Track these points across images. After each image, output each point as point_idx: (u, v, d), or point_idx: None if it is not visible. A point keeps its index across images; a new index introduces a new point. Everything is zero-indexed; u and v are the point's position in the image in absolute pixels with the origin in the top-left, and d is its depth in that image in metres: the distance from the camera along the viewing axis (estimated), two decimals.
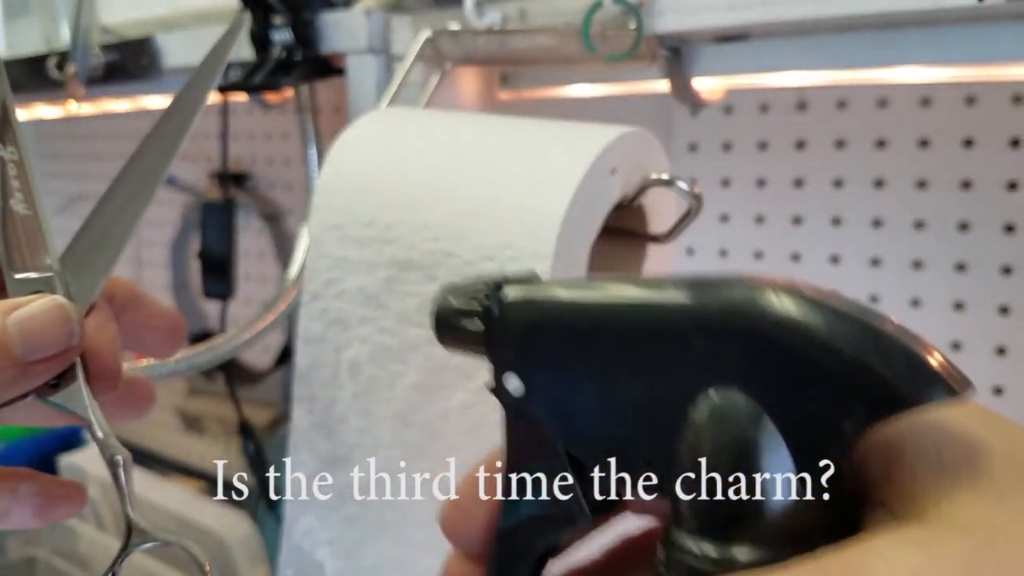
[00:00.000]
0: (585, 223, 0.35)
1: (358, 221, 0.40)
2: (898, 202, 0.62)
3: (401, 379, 0.39)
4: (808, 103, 0.65)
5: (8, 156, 0.33)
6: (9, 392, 0.28)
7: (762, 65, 0.43)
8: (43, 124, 1.30)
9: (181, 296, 1.14)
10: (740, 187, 0.69)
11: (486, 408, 0.37)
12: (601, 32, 0.41)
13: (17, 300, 0.29)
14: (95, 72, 0.64)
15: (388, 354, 0.40)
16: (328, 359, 0.42)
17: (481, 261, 0.35)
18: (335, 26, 0.51)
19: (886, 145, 0.62)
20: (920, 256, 0.61)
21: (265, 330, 0.50)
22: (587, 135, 0.36)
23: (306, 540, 0.44)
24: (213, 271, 0.59)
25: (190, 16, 0.61)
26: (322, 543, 0.44)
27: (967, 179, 0.59)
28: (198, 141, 1.11)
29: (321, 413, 0.43)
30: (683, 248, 0.73)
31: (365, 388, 0.41)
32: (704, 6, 0.39)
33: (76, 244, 0.34)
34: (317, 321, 0.42)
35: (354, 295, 0.40)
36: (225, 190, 0.59)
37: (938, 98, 0.59)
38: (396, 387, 0.40)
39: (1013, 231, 0.58)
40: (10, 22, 0.75)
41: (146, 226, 1.22)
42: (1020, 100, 0.56)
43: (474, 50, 0.46)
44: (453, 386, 0.38)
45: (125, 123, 1.21)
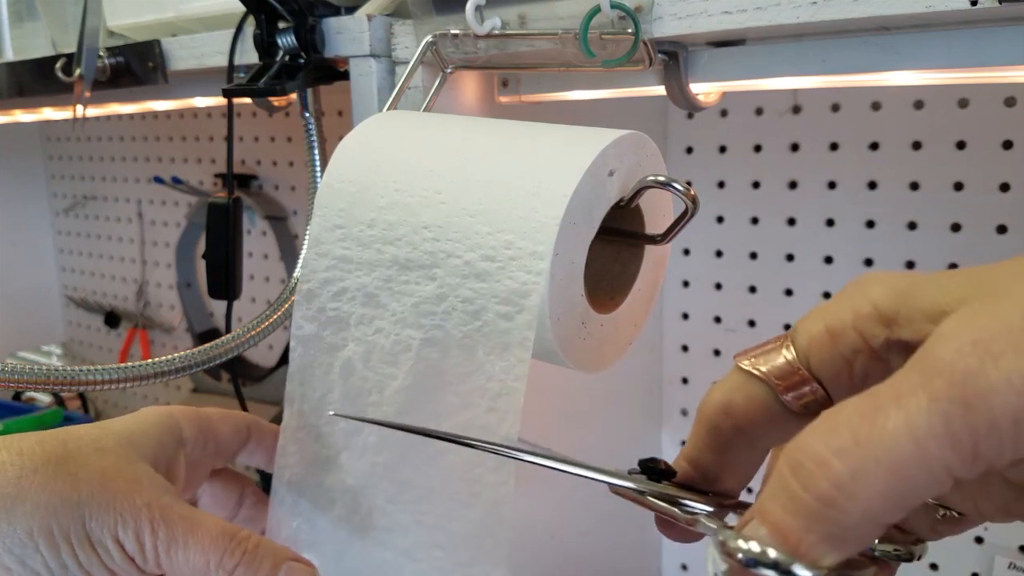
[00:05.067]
0: (583, 224, 0.36)
1: (360, 221, 0.40)
2: (891, 203, 0.62)
3: (392, 381, 0.39)
4: (802, 106, 0.65)
5: None
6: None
7: (757, 69, 0.43)
8: (50, 126, 1.31)
9: (187, 295, 1.15)
10: (735, 189, 0.70)
11: (475, 412, 0.37)
12: (599, 37, 0.42)
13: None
14: (101, 75, 0.65)
15: (381, 355, 0.39)
16: (322, 359, 0.42)
17: (481, 261, 0.36)
18: (339, 31, 0.52)
19: (879, 147, 0.63)
20: (913, 256, 0.62)
21: (269, 329, 0.51)
22: (585, 138, 0.37)
23: (292, 543, 0.43)
24: (218, 271, 0.59)
25: (196, 20, 0.62)
26: (307, 546, 0.43)
27: (959, 181, 0.59)
28: (204, 143, 1.12)
29: (311, 414, 0.42)
30: (679, 248, 0.73)
31: (356, 390, 0.40)
32: (700, 11, 0.40)
33: None
34: (312, 321, 0.42)
35: (353, 294, 0.40)
36: (230, 191, 0.59)
37: (931, 101, 0.60)
38: (386, 390, 0.39)
39: (1005, 232, 0.58)
40: (17, 25, 0.76)
41: (152, 227, 1.23)
42: (1012, 103, 0.57)
43: (475, 54, 0.47)
44: (444, 388, 0.38)
45: (131, 126, 1.22)
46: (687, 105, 0.46)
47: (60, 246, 1.39)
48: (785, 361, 0.26)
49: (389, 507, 0.40)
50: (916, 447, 0.19)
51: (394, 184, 0.39)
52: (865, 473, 0.19)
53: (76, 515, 0.32)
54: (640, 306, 0.43)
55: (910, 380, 0.20)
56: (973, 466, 0.19)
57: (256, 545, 0.34)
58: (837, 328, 0.25)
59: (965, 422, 0.19)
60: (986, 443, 0.19)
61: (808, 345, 0.26)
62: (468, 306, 0.36)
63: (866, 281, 0.25)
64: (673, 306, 0.75)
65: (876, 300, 0.24)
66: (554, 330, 0.36)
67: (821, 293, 0.66)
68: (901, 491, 0.20)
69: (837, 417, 0.21)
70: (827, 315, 0.25)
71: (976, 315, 0.20)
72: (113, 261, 1.30)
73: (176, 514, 0.34)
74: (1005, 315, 0.20)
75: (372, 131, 0.43)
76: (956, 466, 0.19)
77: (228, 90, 0.53)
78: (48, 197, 1.38)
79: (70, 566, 0.32)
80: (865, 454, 0.20)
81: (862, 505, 0.20)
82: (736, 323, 0.72)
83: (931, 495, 0.20)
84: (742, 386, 0.27)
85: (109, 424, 0.37)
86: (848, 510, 0.20)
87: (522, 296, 0.35)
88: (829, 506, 0.20)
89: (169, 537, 0.33)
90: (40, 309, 1.38)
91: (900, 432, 0.19)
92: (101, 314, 1.31)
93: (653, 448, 0.77)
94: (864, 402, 0.20)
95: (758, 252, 0.70)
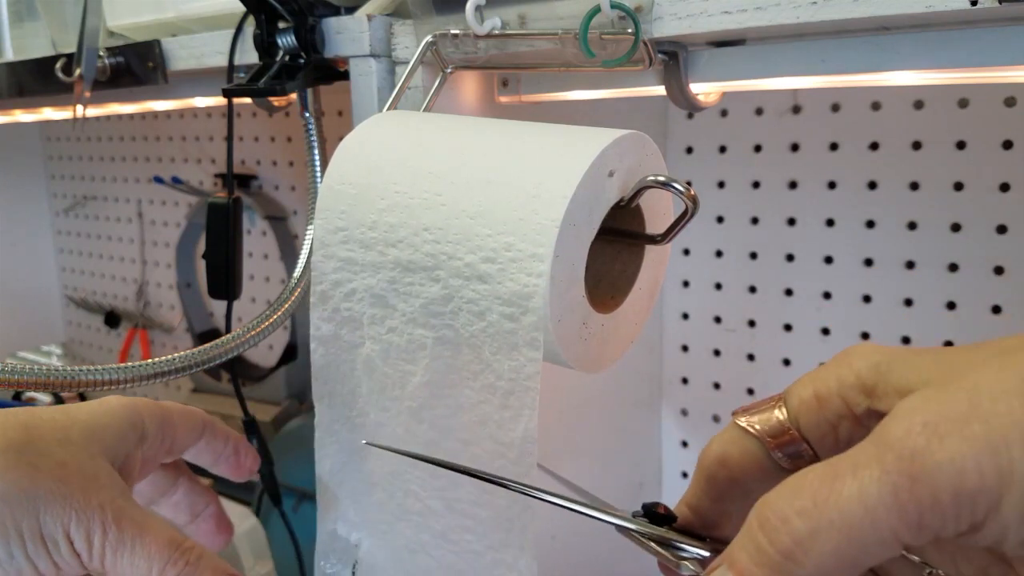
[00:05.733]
0: (583, 225, 0.36)
1: (361, 223, 0.40)
2: (891, 203, 0.62)
3: (411, 378, 0.40)
4: (802, 106, 0.65)
5: None
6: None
7: (757, 69, 0.43)
8: (50, 126, 1.31)
9: (187, 295, 1.15)
10: (735, 189, 0.70)
11: (490, 408, 0.38)
12: (599, 37, 0.42)
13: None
14: (101, 75, 0.65)
15: (398, 353, 0.40)
16: (344, 357, 0.43)
17: (482, 263, 0.36)
18: (339, 31, 0.52)
19: (879, 147, 0.62)
20: (913, 256, 0.62)
21: (269, 329, 0.51)
22: (585, 138, 0.37)
23: (341, 524, 0.46)
24: (218, 271, 0.59)
25: (196, 20, 0.62)
26: (357, 525, 0.46)
27: (959, 181, 0.59)
28: (204, 143, 1.12)
29: (342, 407, 0.44)
30: (679, 248, 0.73)
31: (380, 385, 0.42)
32: (700, 11, 0.40)
33: None
34: (329, 322, 0.43)
35: (362, 295, 0.41)
36: (230, 191, 0.59)
37: (931, 101, 0.60)
38: (407, 385, 0.41)
39: (1005, 232, 0.58)
40: (17, 25, 0.76)
41: (152, 227, 1.23)
42: (1012, 103, 0.57)
43: (475, 54, 0.47)
44: (461, 384, 0.39)
45: (131, 126, 1.22)
46: (687, 105, 0.46)
47: (60, 246, 1.39)
48: (777, 421, 0.28)
49: (422, 493, 0.42)
50: (866, 513, 0.22)
51: (394, 186, 0.39)
52: (821, 532, 0.22)
53: (31, 508, 0.32)
54: (640, 306, 0.43)
55: (867, 452, 0.22)
56: (919, 534, 0.22)
57: (199, 557, 0.35)
58: (824, 394, 0.27)
59: (911, 495, 0.21)
60: (930, 515, 0.21)
61: (798, 408, 0.28)
62: (473, 307, 0.37)
63: (853, 352, 0.27)
64: (673, 306, 0.75)
65: (859, 371, 0.26)
66: (555, 331, 0.36)
67: (821, 293, 0.66)
68: (852, 551, 0.22)
69: (802, 480, 0.23)
70: (816, 381, 0.27)
71: (929, 399, 0.22)
72: (113, 261, 1.30)
73: (128, 518, 0.34)
74: (954, 401, 0.22)
75: (372, 132, 0.43)
76: (903, 533, 0.22)
77: (228, 90, 0.53)
78: (48, 197, 1.38)
79: (16, 555, 0.33)
80: (822, 515, 0.22)
81: (816, 560, 0.22)
82: (736, 323, 0.72)
83: (882, 557, 0.22)
84: (738, 440, 0.29)
85: (75, 412, 0.37)
86: (804, 564, 0.22)
87: (525, 298, 0.35)
88: (788, 559, 0.22)
89: (118, 540, 0.34)
90: (40, 309, 1.38)
91: (853, 499, 0.22)
92: (101, 314, 1.31)
93: (653, 447, 0.77)
94: (826, 469, 0.23)
95: (758, 252, 0.70)
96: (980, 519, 0.21)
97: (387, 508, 0.44)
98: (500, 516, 0.39)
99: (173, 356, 0.47)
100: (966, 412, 0.21)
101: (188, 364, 0.47)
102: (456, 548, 0.41)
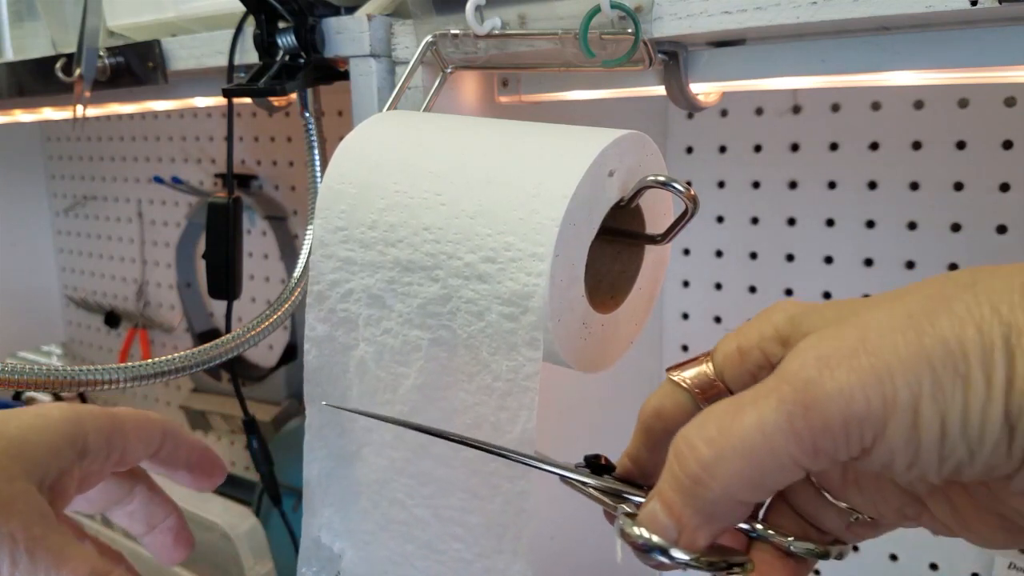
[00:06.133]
0: (583, 224, 0.36)
1: (361, 223, 0.40)
2: (891, 203, 0.62)
3: (403, 380, 0.40)
4: (802, 106, 0.65)
5: None
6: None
7: (757, 69, 0.43)
8: (50, 126, 1.31)
9: (187, 295, 1.15)
10: (735, 189, 0.70)
11: (486, 410, 0.37)
12: (599, 37, 0.42)
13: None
14: (101, 75, 0.65)
15: (392, 355, 0.40)
16: (337, 359, 0.42)
17: (482, 263, 0.36)
18: (339, 31, 0.52)
19: (879, 147, 0.62)
20: (913, 256, 0.62)
21: (269, 329, 0.51)
22: (585, 138, 0.37)
23: (325, 533, 0.45)
24: (218, 271, 0.59)
25: (196, 20, 0.62)
26: (341, 534, 0.45)
27: (959, 181, 0.59)
28: (204, 143, 1.12)
29: (332, 412, 0.43)
30: (679, 248, 0.73)
31: (371, 388, 0.41)
32: (700, 11, 0.40)
33: None
34: (324, 322, 0.42)
35: (359, 296, 0.41)
36: (230, 191, 0.59)
37: (931, 101, 0.60)
38: (399, 389, 0.40)
39: (1005, 232, 0.58)
40: (17, 25, 0.76)
41: (152, 227, 1.23)
42: (1012, 103, 0.57)
43: (475, 54, 0.47)
44: (456, 386, 0.38)
45: (131, 126, 1.22)
46: (687, 105, 0.46)
47: (60, 246, 1.39)
48: (705, 375, 0.30)
49: (408, 502, 0.42)
50: (765, 439, 0.24)
51: (394, 185, 0.39)
52: (724, 457, 0.24)
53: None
54: (640, 306, 0.43)
55: (767, 386, 0.25)
56: (815, 459, 0.24)
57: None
58: (745, 347, 0.29)
59: (805, 421, 0.23)
60: (822, 439, 0.23)
61: (723, 361, 0.30)
62: (472, 307, 0.37)
63: (773, 308, 0.29)
64: (673, 306, 0.75)
65: (777, 324, 0.28)
66: (555, 331, 0.36)
67: (821, 293, 0.66)
68: (755, 474, 0.24)
69: (710, 412, 0.26)
70: (739, 336, 0.30)
71: (824, 336, 0.25)
72: (113, 261, 1.30)
73: (44, 547, 0.32)
74: (846, 336, 0.24)
75: (372, 131, 0.43)
76: (799, 457, 0.24)
77: (228, 90, 0.53)
78: (48, 197, 1.38)
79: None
80: (724, 442, 0.24)
81: (722, 483, 0.24)
82: (736, 323, 0.72)
83: (784, 481, 0.25)
84: (671, 394, 0.31)
85: (5, 423, 0.34)
86: (711, 487, 0.25)
87: (524, 298, 0.35)
88: (697, 483, 0.25)
89: (29, 571, 0.31)
90: (40, 309, 1.38)
91: (753, 426, 0.24)
92: (101, 314, 1.31)
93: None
94: (731, 401, 0.25)
95: (758, 252, 0.70)
96: (869, 443, 0.23)
97: (371, 517, 0.43)
98: (492, 522, 0.38)
99: (173, 356, 0.47)
100: (855, 346, 0.23)
101: (188, 364, 0.47)
102: (442, 558, 0.40)
